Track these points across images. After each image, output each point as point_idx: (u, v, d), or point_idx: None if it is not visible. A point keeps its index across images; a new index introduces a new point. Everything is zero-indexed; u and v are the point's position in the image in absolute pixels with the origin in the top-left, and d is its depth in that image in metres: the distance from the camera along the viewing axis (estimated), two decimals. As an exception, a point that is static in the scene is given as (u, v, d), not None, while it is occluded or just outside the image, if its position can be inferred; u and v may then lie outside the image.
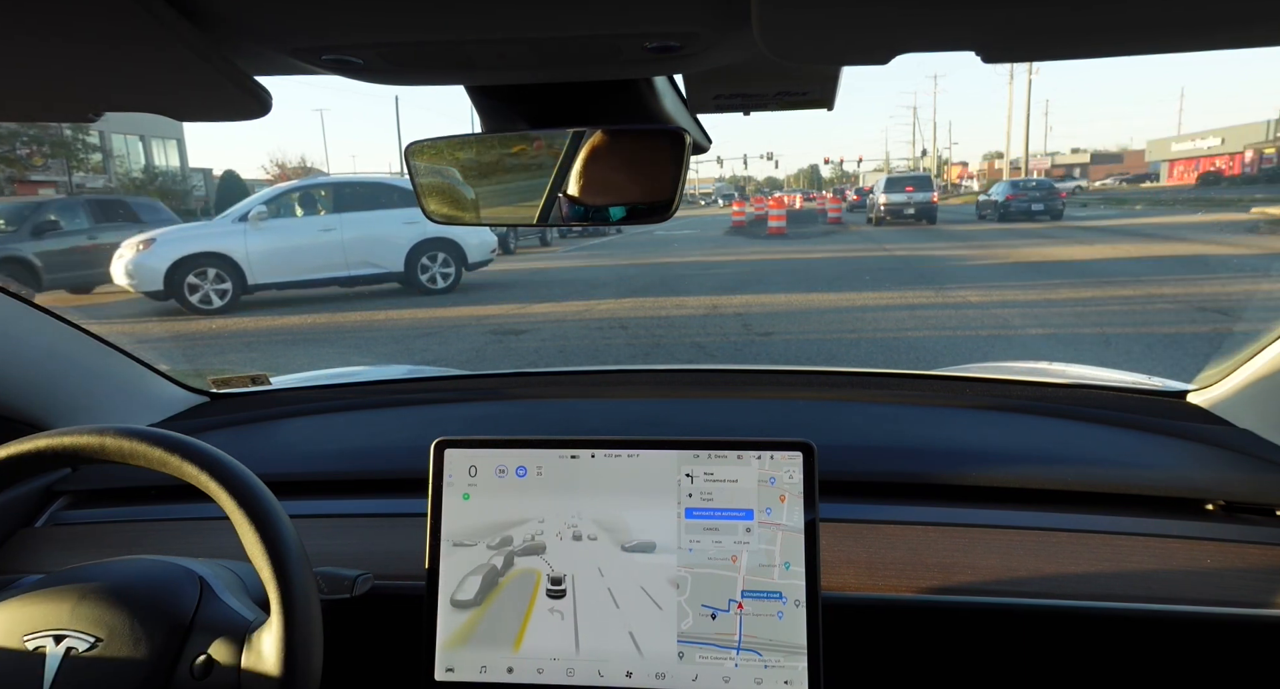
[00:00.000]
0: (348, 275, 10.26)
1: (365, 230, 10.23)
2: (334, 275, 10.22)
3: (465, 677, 0.84)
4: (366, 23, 0.52)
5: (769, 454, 0.84)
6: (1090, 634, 0.90)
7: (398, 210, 10.34)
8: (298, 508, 1.06)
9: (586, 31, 0.54)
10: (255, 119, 0.63)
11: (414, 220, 10.24)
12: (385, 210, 10.39)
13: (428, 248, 10.46)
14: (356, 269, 10.25)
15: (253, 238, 9.82)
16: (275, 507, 0.72)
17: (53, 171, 26.77)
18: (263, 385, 1.48)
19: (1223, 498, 1.01)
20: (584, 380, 1.49)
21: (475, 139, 0.84)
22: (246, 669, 0.69)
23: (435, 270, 10.58)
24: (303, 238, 10.07)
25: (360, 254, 10.17)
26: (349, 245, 10.10)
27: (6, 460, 0.74)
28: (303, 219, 10.38)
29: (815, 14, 0.46)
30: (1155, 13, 0.46)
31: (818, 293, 9.07)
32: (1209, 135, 50.02)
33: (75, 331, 1.24)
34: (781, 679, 0.80)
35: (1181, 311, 7.13)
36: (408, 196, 10.55)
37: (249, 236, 9.80)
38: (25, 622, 0.72)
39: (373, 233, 10.25)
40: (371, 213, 10.38)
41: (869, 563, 0.94)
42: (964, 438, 1.17)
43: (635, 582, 0.83)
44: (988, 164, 72.88)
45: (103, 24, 0.47)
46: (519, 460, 0.87)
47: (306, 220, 10.37)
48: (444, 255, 10.56)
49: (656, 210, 0.79)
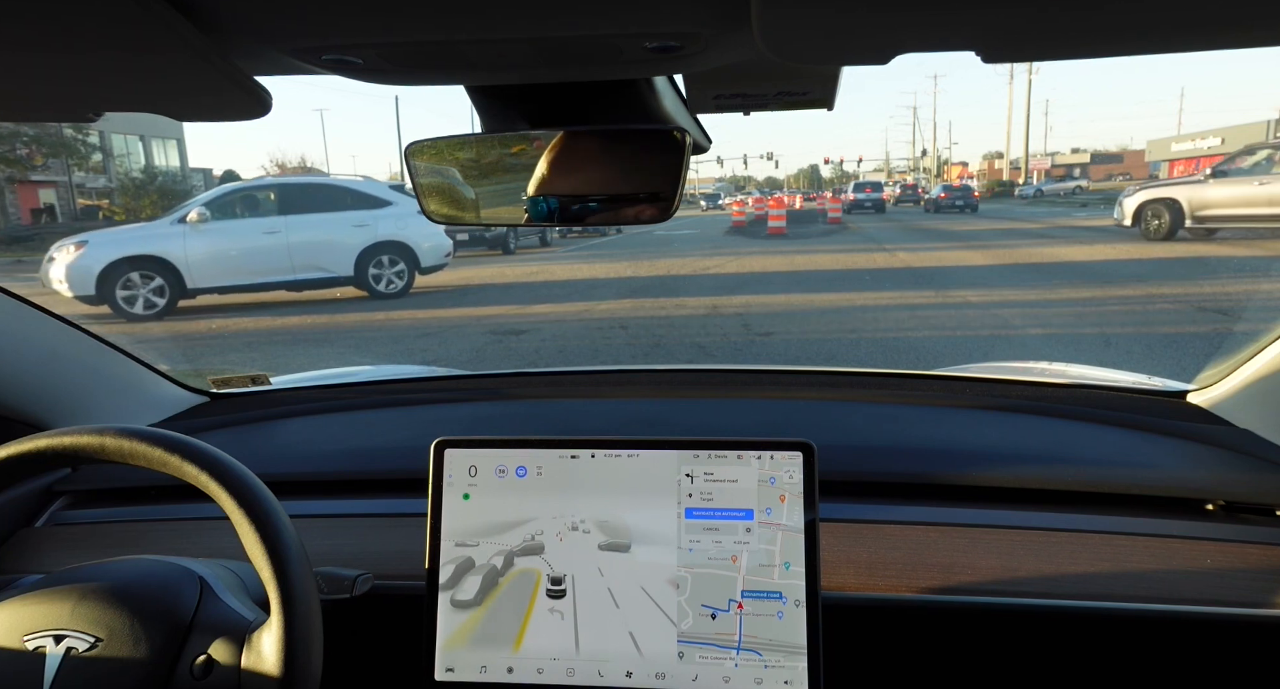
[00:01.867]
0: (294, 279, 9.93)
1: (312, 233, 9.92)
2: (280, 279, 9.85)
3: (465, 677, 0.84)
4: (366, 23, 0.52)
5: (769, 454, 0.84)
6: (1090, 634, 0.90)
7: (347, 213, 10.12)
8: (298, 508, 1.06)
9: (587, 31, 0.54)
10: (255, 119, 0.63)
11: (364, 223, 10.07)
12: (334, 213, 10.12)
13: (379, 251, 10.20)
14: (303, 273, 9.93)
15: (192, 240, 9.46)
16: (275, 507, 0.72)
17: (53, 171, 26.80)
18: (263, 385, 1.48)
19: (1223, 498, 1.01)
20: (584, 380, 1.49)
21: (475, 139, 0.84)
22: (246, 669, 0.69)
23: (387, 274, 10.30)
24: (245, 241, 9.73)
25: (307, 258, 9.88)
26: (295, 249, 9.79)
27: (6, 460, 0.74)
28: (246, 221, 10.03)
29: (815, 14, 0.46)
30: (1155, 13, 0.46)
31: (818, 293, 9.07)
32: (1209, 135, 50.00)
33: (75, 332, 1.24)
34: (781, 679, 0.80)
35: (1182, 312, 7.13)
36: (358, 199, 10.35)
37: (188, 239, 9.45)
38: (25, 622, 0.72)
39: (320, 236, 9.95)
40: (319, 215, 10.08)
41: (869, 563, 0.94)
42: (964, 438, 1.17)
43: (635, 582, 0.83)
44: (988, 163, 72.86)
45: (103, 24, 0.47)
46: (519, 460, 0.87)
47: (250, 222, 10.01)
48: (396, 259, 10.30)
49: (657, 210, 0.79)
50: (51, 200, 30.00)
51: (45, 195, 29.89)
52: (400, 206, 10.32)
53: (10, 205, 27.93)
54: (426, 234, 10.46)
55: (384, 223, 10.20)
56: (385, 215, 10.25)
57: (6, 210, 27.61)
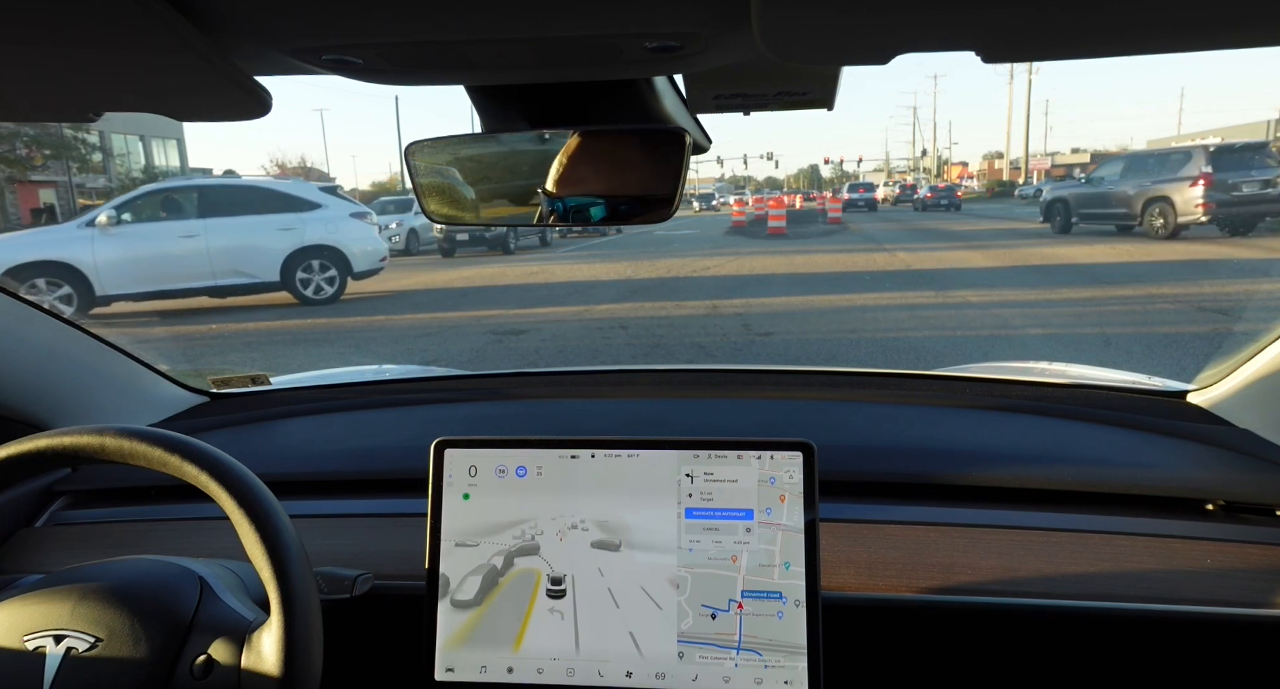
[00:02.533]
0: (215, 285, 9.61)
1: (235, 237, 9.56)
2: (200, 285, 9.54)
3: (465, 677, 0.84)
4: (366, 23, 0.52)
5: (769, 454, 0.84)
6: (1090, 634, 0.90)
7: (273, 216, 9.77)
8: (298, 508, 1.06)
9: (587, 31, 0.54)
10: (255, 119, 0.63)
11: (290, 226, 9.73)
12: (258, 216, 9.76)
13: (307, 255, 9.84)
14: (225, 278, 9.58)
15: (101, 245, 9.06)
16: (275, 507, 0.72)
17: (53, 171, 26.79)
18: (263, 385, 1.48)
19: (1223, 498, 1.01)
20: (584, 380, 1.49)
21: (475, 139, 0.84)
22: (246, 669, 0.69)
23: (317, 279, 9.95)
24: (160, 245, 9.33)
25: (229, 262, 9.51)
26: (215, 253, 9.43)
27: (6, 460, 0.74)
28: (161, 224, 9.67)
29: (815, 14, 0.46)
30: (1155, 13, 0.46)
31: (818, 295, 9.07)
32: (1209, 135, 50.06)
33: (75, 332, 1.24)
34: (781, 679, 0.80)
35: (1182, 312, 7.13)
36: (285, 201, 9.98)
37: (97, 243, 9.05)
38: (25, 622, 0.72)
39: (243, 240, 9.58)
40: (242, 218, 9.74)
41: (869, 563, 0.94)
42: (964, 438, 1.17)
43: (635, 582, 0.83)
44: (988, 163, 72.74)
45: (103, 24, 0.47)
46: (519, 460, 0.87)
47: (165, 226, 9.65)
48: (326, 264, 9.97)
49: (657, 210, 0.79)
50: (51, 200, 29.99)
51: (45, 195, 29.87)
52: (331, 210, 10.03)
53: (10, 205, 27.93)
54: (359, 238, 10.17)
55: (312, 226, 9.86)
56: (314, 219, 9.92)
57: (6, 210, 27.61)
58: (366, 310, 9.43)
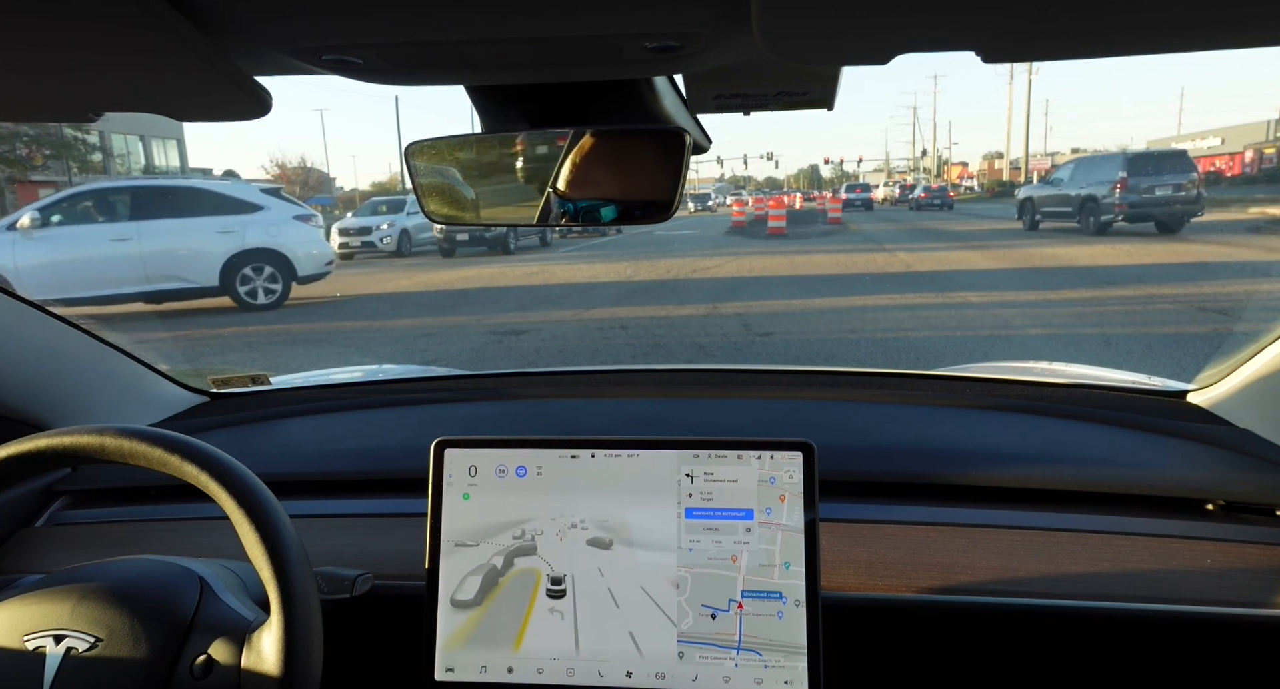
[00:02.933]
0: (150, 290, 9.14)
1: (170, 240, 9.13)
2: (133, 290, 9.03)
3: (465, 677, 0.84)
4: (366, 23, 0.52)
5: (769, 454, 0.84)
6: (1090, 634, 0.90)
7: (211, 218, 9.36)
8: (298, 508, 1.06)
9: (586, 31, 0.54)
10: (255, 119, 0.63)
11: (230, 229, 9.34)
12: (195, 218, 9.36)
13: (248, 259, 9.43)
14: (160, 283, 9.13)
15: (24, 249, 8.61)
16: (275, 507, 0.72)
17: (53, 171, 26.76)
18: (263, 385, 1.48)
19: (1223, 498, 1.01)
20: (584, 380, 1.49)
21: (475, 139, 0.85)
22: (246, 669, 0.69)
23: (258, 284, 9.55)
24: (89, 249, 8.85)
25: (164, 267, 9.07)
26: (150, 257, 8.97)
27: (6, 460, 0.74)
28: (90, 227, 9.19)
29: (815, 14, 0.46)
30: (1155, 13, 0.46)
31: (818, 297, 9.07)
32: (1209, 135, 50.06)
33: (75, 332, 1.24)
34: (781, 679, 0.80)
35: (1182, 312, 7.13)
36: (224, 203, 9.57)
37: (19, 247, 8.60)
38: (25, 622, 0.72)
39: (180, 243, 9.17)
40: (178, 221, 9.33)
41: (869, 563, 0.94)
42: (964, 438, 1.17)
43: (635, 582, 0.83)
44: (988, 163, 72.74)
45: (103, 24, 0.47)
46: (519, 460, 0.87)
47: (94, 229, 9.16)
48: (268, 268, 9.55)
49: (657, 210, 0.79)
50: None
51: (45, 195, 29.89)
52: (273, 212, 9.66)
53: (10, 205, 27.94)
54: (303, 241, 9.78)
55: (253, 229, 9.47)
56: (255, 221, 9.53)
57: (6, 210, 27.61)
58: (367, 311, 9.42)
